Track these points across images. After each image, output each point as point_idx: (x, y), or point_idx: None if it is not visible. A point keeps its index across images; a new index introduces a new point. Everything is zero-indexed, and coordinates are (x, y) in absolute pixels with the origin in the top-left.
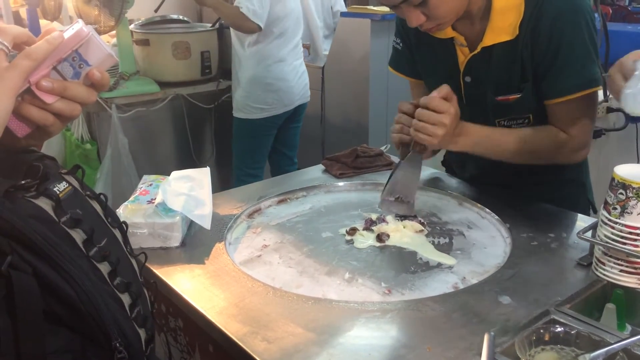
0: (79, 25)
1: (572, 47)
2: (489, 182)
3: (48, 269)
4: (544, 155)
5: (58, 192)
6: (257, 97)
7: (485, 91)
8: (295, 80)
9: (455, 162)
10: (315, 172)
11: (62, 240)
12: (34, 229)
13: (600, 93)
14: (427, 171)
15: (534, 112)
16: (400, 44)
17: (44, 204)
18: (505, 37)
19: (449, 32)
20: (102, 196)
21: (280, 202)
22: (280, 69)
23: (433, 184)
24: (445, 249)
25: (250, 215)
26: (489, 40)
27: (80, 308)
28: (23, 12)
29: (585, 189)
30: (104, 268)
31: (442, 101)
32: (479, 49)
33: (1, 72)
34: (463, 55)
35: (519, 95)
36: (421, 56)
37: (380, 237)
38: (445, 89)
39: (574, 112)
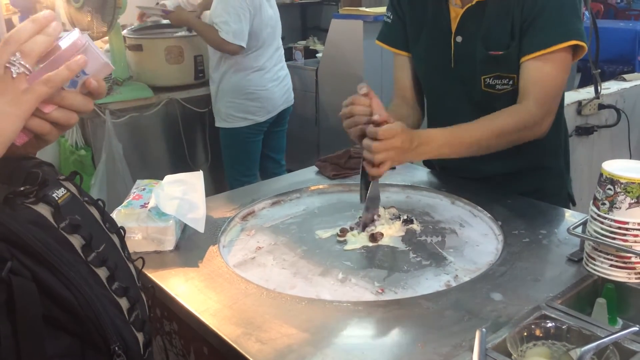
0: (76, 34)
1: (558, 1)
2: (468, 176)
3: (47, 274)
4: (509, 134)
5: (57, 198)
6: (239, 107)
7: (474, 47)
8: (277, 86)
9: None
10: (308, 174)
11: (61, 245)
12: (33, 234)
13: (592, 90)
14: (420, 170)
15: (518, 73)
16: (391, 17)
17: (43, 209)
18: None
19: None
20: (99, 202)
21: (274, 204)
22: (260, 77)
23: (426, 183)
24: (438, 247)
25: (244, 218)
26: None
27: (79, 312)
28: (16, 20)
29: (565, 181)
30: (103, 273)
31: (386, 129)
32: (474, 1)
33: (18, 95)
34: (456, 15)
35: (506, 51)
36: (412, 21)
37: (374, 237)
38: (362, 99)
39: (548, 73)
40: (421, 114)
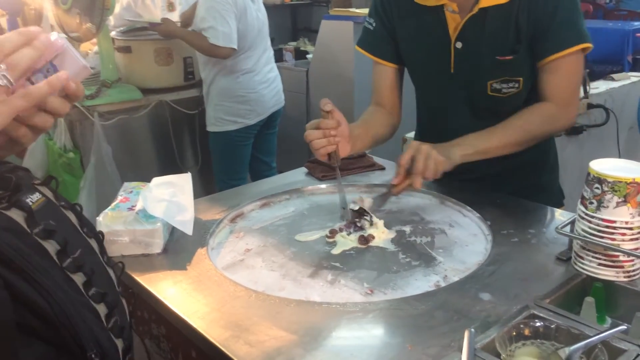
0: (54, 37)
1: (567, 5)
2: (459, 172)
3: (20, 281)
4: (537, 133)
5: (30, 203)
6: (228, 110)
7: (479, 53)
8: (267, 89)
9: None
10: (298, 175)
11: (34, 251)
12: (4, 241)
13: (580, 89)
14: None
15: (524, 75)
16: (374, 24)
17: (16, 215)
18: (501, 0)
19: None
20: (77, 206)
21: (263, 205)
22: (249, 80)
23: None
24: (428, 247)
25: (233, 220)
26: (487, 1)
27: (54, 319)
28: (4, 22)
29: (557, 175)
30: (79, 279)
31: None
32: (476, 10)
33: None
34: (454, 22)
35: (514, 56)
36: (404, 31)
37: (366, 239)
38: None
39: (565, 73)
40: (397, 120)
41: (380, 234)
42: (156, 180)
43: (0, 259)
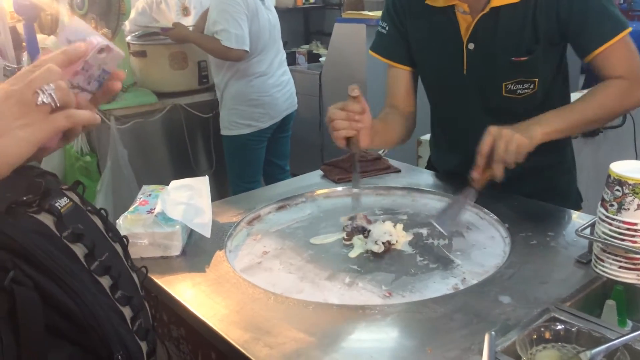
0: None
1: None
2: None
3: (50, 283)
4: (615, 106)
5: (59, 208)
6: (242, 113)
7: (492, 54)
8: (280, 92)
9: (438, 161)
10: (314, 178)
11: (63, 254)
12: (35, 243)
13: None
14: (425, 173)
15: (540, 77)
16: (387, 28)
17: (46, 219)
18: None
19: (451, 0)
20: (102, 211)
21: (279, 208)
22: (262, 83)
23: (431, 186)
24: (445, 250)
25: (250, 223)
26: (499, 0)
27: (82, 321)
28: (20, 27)
29: (574, 177)
30: (105, 282)
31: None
32: (487, 9)
33: (36, 122)
34: (465, 22)
35: (530, 56)
36: (417, 33)
37: (387, 245)
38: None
39: (620, 57)
40: (413, 123)
41: (401, 238)
42: (174, 183)
43: (31, 261)
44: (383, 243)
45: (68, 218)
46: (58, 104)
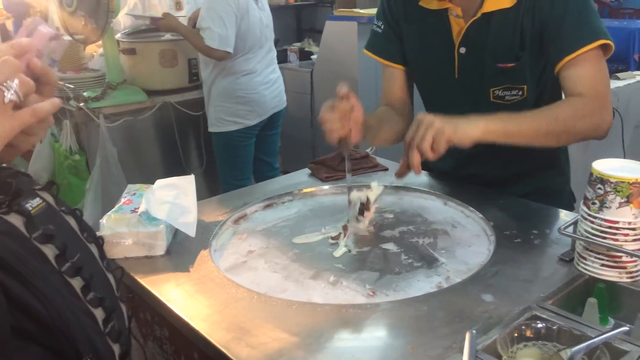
0: (42, 27)
1: (577, 5)
2: (467, 177)
3: (17, 285)
4: (568, 120)
5: (30, 209)
6: (228, 110)
7: (482, 60)
8: (268, 90)
9: (433, 161)
10: (301, 176)
11: (32, 256)
12: (3, 245)
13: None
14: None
15: (529, 84)
16: (382, 27)
17: (15, 220)
18: (506, 4)
19: (444, 3)
20: (77, 211)
21: (266, 207)
22: (249, 81)
23: (418, 184)
24: (430, 248)
25: (236, 221)
26: (490, 6)
27: (50, 324)
28: (9, 25)
29: (568, 178)
30: (77, 283)
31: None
32: (479, 14)
33: (6, 120)
34: (458, 26)
35: (517, 63)
36: (410, 33)
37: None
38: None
39: (588, 71)
40: (409, 121)
41: (372, 195)
42: (159, 182)
43: None
44: (362, 203)
45: (39, 219)
46: (22, 99)
